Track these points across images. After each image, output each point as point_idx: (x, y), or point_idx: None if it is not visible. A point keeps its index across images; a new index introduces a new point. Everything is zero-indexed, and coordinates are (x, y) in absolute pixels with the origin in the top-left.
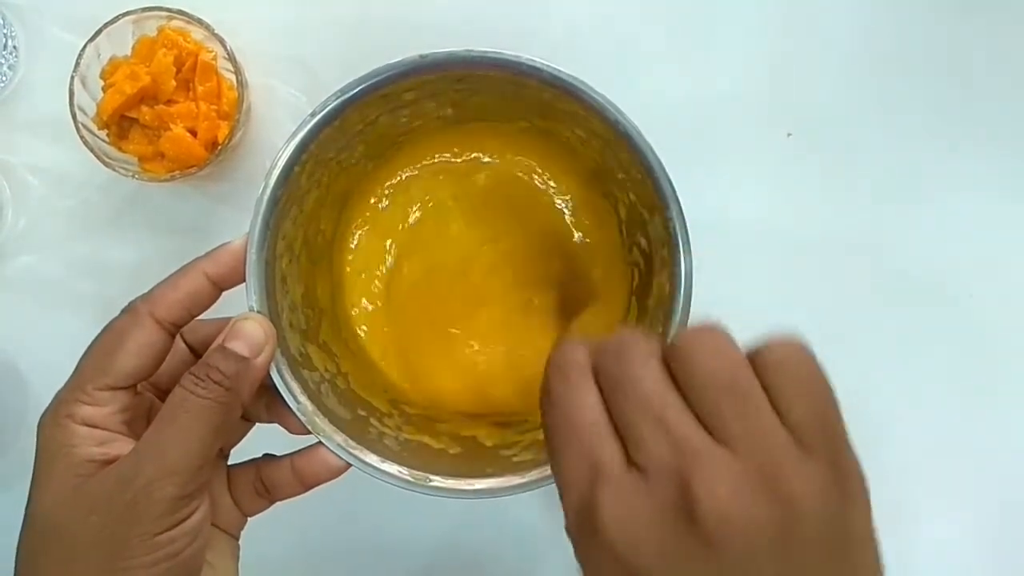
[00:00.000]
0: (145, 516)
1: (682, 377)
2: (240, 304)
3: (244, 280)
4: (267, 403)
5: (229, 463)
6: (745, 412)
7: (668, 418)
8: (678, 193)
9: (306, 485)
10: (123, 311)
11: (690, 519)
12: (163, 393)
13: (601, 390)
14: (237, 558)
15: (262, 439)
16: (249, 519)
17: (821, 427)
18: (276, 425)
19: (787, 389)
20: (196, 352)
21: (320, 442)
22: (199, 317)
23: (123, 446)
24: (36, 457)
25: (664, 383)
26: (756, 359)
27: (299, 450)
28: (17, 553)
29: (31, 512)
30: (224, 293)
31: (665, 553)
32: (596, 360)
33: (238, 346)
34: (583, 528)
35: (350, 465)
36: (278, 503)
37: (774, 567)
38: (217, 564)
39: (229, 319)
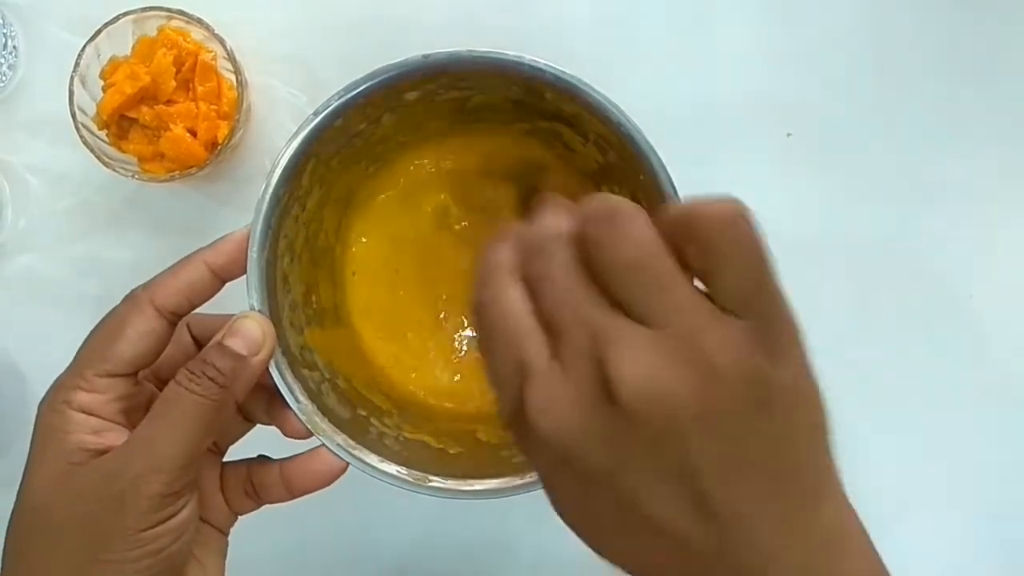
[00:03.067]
0: (131, 511)
1: (595, 265)
2: (244, 297)
3: (245, 271)
4: (267, 405)
5: (224, 460)
6: (659, 288)
7: (582, 306)
8: (679, 194)
9: (293, 493)
10: (124, 299)
11: (609, 399)
12: (165, 384)
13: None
14: (224, 554)
15: (259, 440)
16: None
17: (753, 289)
18: (274, 427)
19: (715, 254)
20: (202, 346)
21: (316, 447)
22: (201, 310)
23: (117, 436)
24: (32, 440)
25: (578, 275)
26: (684, 222)
27: (289, 457)
28: (7, 533)
29: (22, 495)
30: (230, 287)
31: (592, 435)
32: (520, 258)
33: (236, 344)
34: (516, 425)
35: (337, 476)
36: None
37: (701, 435)
38: (205, 560)
39: (234, 315)
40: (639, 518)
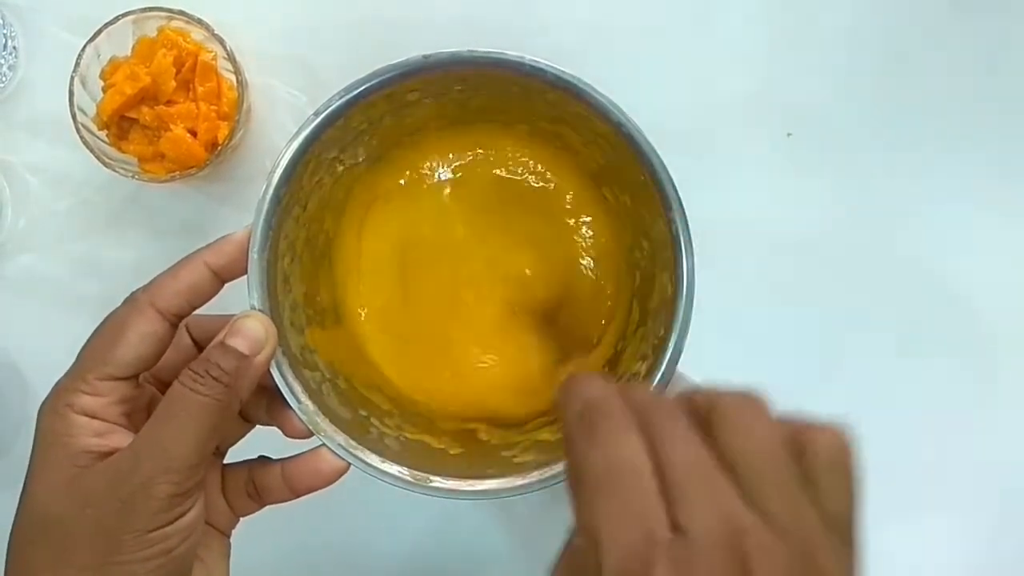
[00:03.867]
0: (141, 513)
1: (721, 442)
2: (244, 298)
3: (245, 272)
4: (267, 405)
5: (224, 462)
6: (784, 488)
7: (715, 485)
8: (680, 194)
9: (295, 492)
10: (124, 301)
11: None
12: (165, 386)
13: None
14: (228, 556)
15: (259, 441)
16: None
17: (849, 519)
18: (274, 428)
19: (826, 476)
20: (201, 347)
21: (317, 446)
22: (200, 310)
23: (121, 438)
24: (34, 445)
25: (705, 447)
26: (800, 437)
27: (290, 456)
28: (10, 540)
29: (26, 501)
30: (228, 288)
31: None
32: (630, 407)
33: (238, 343)
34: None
35: (340, 475)
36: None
37: None
38: (208, 561)
39: (234, 316)
40: None
